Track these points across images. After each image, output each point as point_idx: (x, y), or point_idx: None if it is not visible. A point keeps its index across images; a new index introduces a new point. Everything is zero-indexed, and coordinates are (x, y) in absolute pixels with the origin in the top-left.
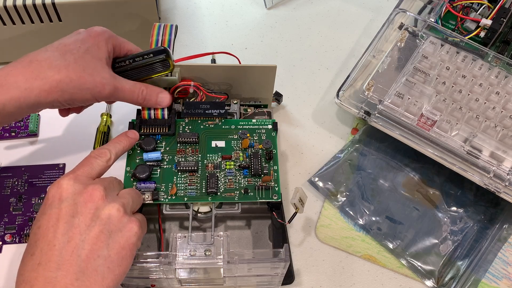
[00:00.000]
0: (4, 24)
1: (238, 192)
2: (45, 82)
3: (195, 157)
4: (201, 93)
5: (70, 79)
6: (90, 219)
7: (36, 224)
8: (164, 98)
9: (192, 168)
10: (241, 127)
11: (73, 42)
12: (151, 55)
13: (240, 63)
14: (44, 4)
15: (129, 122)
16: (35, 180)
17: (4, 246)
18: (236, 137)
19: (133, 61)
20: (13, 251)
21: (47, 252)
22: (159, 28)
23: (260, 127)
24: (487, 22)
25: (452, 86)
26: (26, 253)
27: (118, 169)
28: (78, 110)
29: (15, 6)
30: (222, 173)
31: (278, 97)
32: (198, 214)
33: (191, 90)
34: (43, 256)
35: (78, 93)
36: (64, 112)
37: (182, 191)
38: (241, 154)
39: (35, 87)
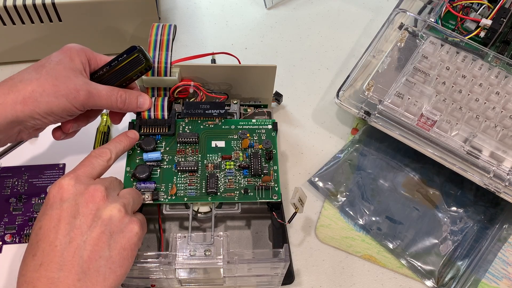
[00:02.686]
0: (4, 24)
1: (238, 192)
2: (18, 95)
3: (195, 157)
4: (201, 93)
5: (43, 89)
6: (92, 219)
7: (37, 225)
8: (145, 100)
9: (192, 168)
10: (241, 127)
11: (46, 59)
12: (125, 55)
13: (240, 63)
14: (44, 4)
15: (129, 122)
16: (35, 180)
17: (4, 246)
18: (236, 137)
19: (109, 67)
20: (13, 251)
21: (49, 253)
22: (158, 28)
23: (260, 127)
24: (487, 22)
25: (452, 86)
26: (27, 253)
27: (118, 169)
28: (67, 127)
29: (15, 6)
30: (222, 173)
31: (278, 97)
32: (198, 214)
33: (191, 90)
34: (45, 256)
35: (55, 102)
36: (56, 133)
37: (182, 191)
38: (241, 154)
39: (9, 101)
